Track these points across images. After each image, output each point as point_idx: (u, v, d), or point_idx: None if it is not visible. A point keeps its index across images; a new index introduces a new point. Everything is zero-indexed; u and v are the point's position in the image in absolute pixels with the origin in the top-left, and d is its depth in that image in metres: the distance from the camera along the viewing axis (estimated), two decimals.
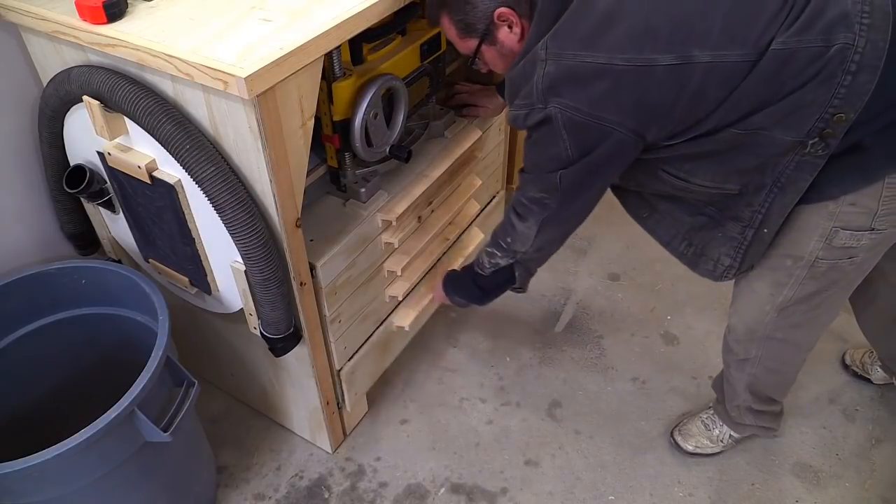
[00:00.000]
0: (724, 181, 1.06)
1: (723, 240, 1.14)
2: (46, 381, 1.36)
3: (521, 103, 1.03)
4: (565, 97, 0.97)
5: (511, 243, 1.23)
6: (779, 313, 1.20)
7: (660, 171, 1.09)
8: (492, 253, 1.29)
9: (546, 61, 0.97)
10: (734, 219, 1.10)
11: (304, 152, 1.07)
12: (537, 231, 1.17)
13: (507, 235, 1.23)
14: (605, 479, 1.53)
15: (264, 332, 1.22)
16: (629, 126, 0.97)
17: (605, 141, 0.99)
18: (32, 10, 1.06)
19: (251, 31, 0.99)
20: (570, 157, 1.02)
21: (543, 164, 1.07)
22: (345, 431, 1.60)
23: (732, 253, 1.14)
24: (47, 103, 1.17)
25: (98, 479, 1.07)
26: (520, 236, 1.20)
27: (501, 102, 1.57)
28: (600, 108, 0.96)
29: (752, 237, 1.10)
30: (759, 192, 1.05)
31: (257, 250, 1.07)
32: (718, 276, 1.19)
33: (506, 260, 1.28)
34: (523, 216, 1.16)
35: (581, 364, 1.78)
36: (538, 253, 1.25)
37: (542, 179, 1.09)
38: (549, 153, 1.04)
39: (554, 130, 1.00)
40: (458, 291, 1.45)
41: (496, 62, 1.15)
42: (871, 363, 1.69)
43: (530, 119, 1.02)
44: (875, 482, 1.52)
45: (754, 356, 1.31)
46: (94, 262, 1.28)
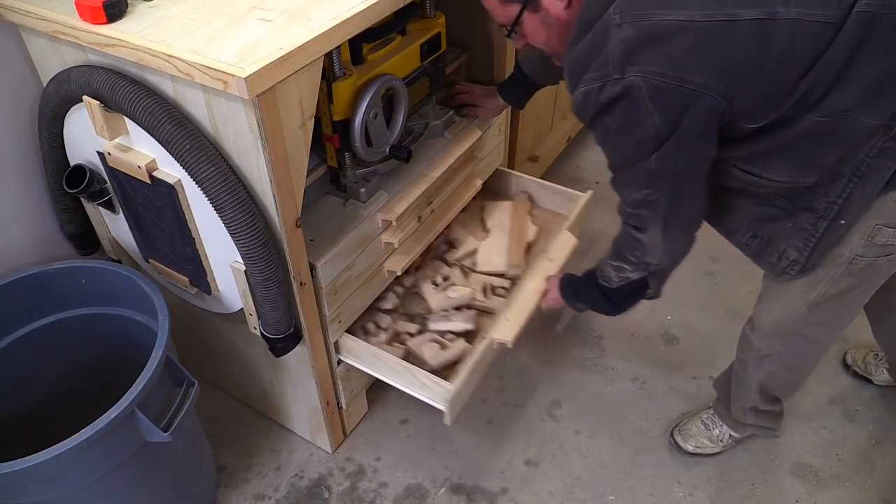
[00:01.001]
0: (802, 175, 1.00)
1: (792, 230, 1.07)
2: (46, 381, 1.36)
3: (592, 76, 0.93)
4: (646, 62, 0.89)
5: (641, 256, 1.13)
6: (809, 309, 1.18)
7: (732, 168, 1.03)
8: (619, 267, 1.18)
9: (622, 25, 0.90)
10: (808, 210, 1.04)
11: (304, 152, 1.07)
12: (662, 237, 1.06)
13: (634, 249, 1.12)
14: (605, 479, 1.53)
15: (264, 332, 1.22)
16: (716, 88, 0.89)
17: (692, 107, 0.90)
18: (32, 10, 1.06)
19: (251, 31, 0.99)
20: (660, 134, 0.93)
21: (631, 152, 0.97)
22: (345, 431, 1.60)
23: (801, 246, 1.07)
24: (47, 103, 1.17)
25: (98, 479, 1.07)
26: (649, 248, 1.10)
27: (501, 103, 1.56)
28: (685, 70, 0.88)
29: (825, 229, 1.04)
30: (836, 182, 1.00)
31: (257, 250, 1.07)
32: (781, 270, 1.12)
33: (638, 274, 1.18)
34: (640, 226, 1.07)
35: (581, 364, 1.77)
36: (672, 260, 1.15)
37: (636, 173, 0.99)
38: (636, 136, 0.94)
39: (636, 104, 0.91)
40: (581, 299, 1.34)
41: (537, 33, 1.07)
42: (875, 364, 1.69)
43: (605, 93, 0.92)
44: (875, 482, 1.52)
45: (776, 352, 1.29)
46: (94, 262, 1.28)
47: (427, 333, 1.46)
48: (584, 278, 1.32)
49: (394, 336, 1.46)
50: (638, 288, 1.22)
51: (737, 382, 1.43)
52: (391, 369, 1.34)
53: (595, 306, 1.31)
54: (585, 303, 1.33)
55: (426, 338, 1.44)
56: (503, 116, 1.69)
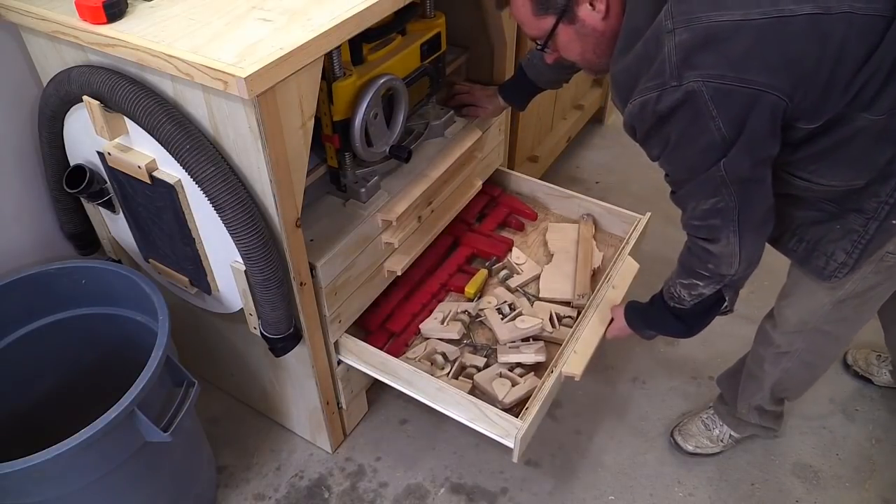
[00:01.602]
0: (855, 177, 0.98)
1: (840, 233, 1.05)
2: (46, 381, 1.36)
3: (648, 86, 0.91)
4: (705, 66, 0.87)
5: (716, 269, 1.08)
6: (833, 306, 1.17)
7: (783, 174, 1.01)
8: (691, 284, 1.14)
9: (675, 31, 0.88)
10: (856, 211, 1.02)
11: (304, 152, 1.07)
12: (739, 243, 1.02)
13: (707, 262, 1.08)
14: (605, 479, 1.53)
15: (264, 332, 1.22)
16: (779, 86, 0.87)
17: (757, 107, 0.88)
18: (32, 10, 1.06)
19: (251, 31, 0.99)
20: (727, 139, 0.90)
21: (697, 162, 0.95)
22: (345, 431, 1.60)
23: (849, 248, 1.06)
24: (47, 103, 1.17)
25: (98, 479, 1.07)
26: (724, 258, 1.05)
27: (501, 104, 1.56)
28: (746, 70, 0.86)
29: (875, 230, 1.02)
30: (886, 182, 0.98)
31: (257, 250, 1.07)
32: (829, 273, 1.10)
33: (712, 288, 1.13)
34: (713, 238, 1.03)
35: None
36: (748, 268, 1.09)
37: (704, 183, 0.96)
38: (701, 144, 0.92)
39: (699, 109, 0.88)
40: (651, 325, 1.29)
41: (572, 46, 1.05)
42: (877, 364, 1.69)
43: (664, 102, 0.90)
44: (875, 482, 1.52)
45: (796, 348, 1.28)
46: (94, 262, 1.28)
47: (496, 366, 1.40)
48: (652, 304, 1.27)
49: (461, 370, 1.41)
50: (712, 304, 1.18)
51: (749, 379, 1.41)
52: (457, 403, 1.30)
53: (667, 331, 1.26)
54: (656, 329, 1.29)
55: (495, 372, 1.38)
56: (503, 116, 1.69)
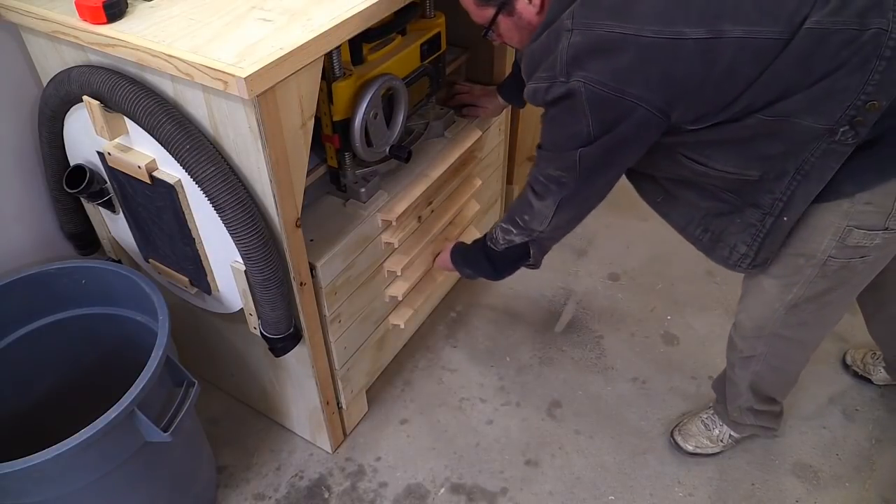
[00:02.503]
0: (746, 167, 1.03)
1: (741, 226, 1.11)
2: (46, 381, 1.36)
3: (542, 76, 0.99)
4: (590, 70, 0.94)
5: (528, 221, 1.19)
6: (787, 311, 1.19)
7: (678, 156, 1.06)
8: (507, 229, 1.26)
9: (572, 31, 0.94)
10: (753, 205, 1.08)
11: (304, 152, 1.07)
12: (555, 211, 1.13)
13: (524, 213, 1.19)
14: (605, 479, 1.53)
15: (264, 332, 1.22)
16: (655, 103, 0.94)
17: (628, 118, 0.96)
18: (32, 10, 1.06)
19: (251, 31, 0.99)
20: (591, 135, 0.99)
21: (563, 142, 1.04)
22: (345, 431, 1.60)
23: (749, 241, 1.11)
24: (47, 103, 1.17)
25: (98, 479, 1.07)
26: (537, 215, 1.17)
27: (501, 103, 1.57)
28: (626, 83, 0.93)
29: (771, 225, 1.08)
30: (780, 179, 1.03)
31: (257, 250, 1.07)
32: (733, 263, 1.16)
33: (521, 238, 1.25)
34: (541, 195, 1.13)
35: (581, 364, 1.77)
36: (554, 232, 1.22)
37: (561, 158, 1.06)
38: (570, 131, 1.00)
39: (576, 106, 0.96)
40: (468, 264, 1.42)
41: (511, 34, 1.12)
42: (873, 363, 1.69)
43: (551, 93, 0.98)
44: (875, 482, 1.52)
45: (760, 353, 1.30)
46: (94, 262, 1.28)
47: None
48: (473, 245, 1.41)
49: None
50: (518, 257, 1.30)
51: (728, 383, 1.44)
52: None
53: (479, 270, 1.39)
54: (471, 267, 1.41)
55: None
56: (503, 116, 1.69)
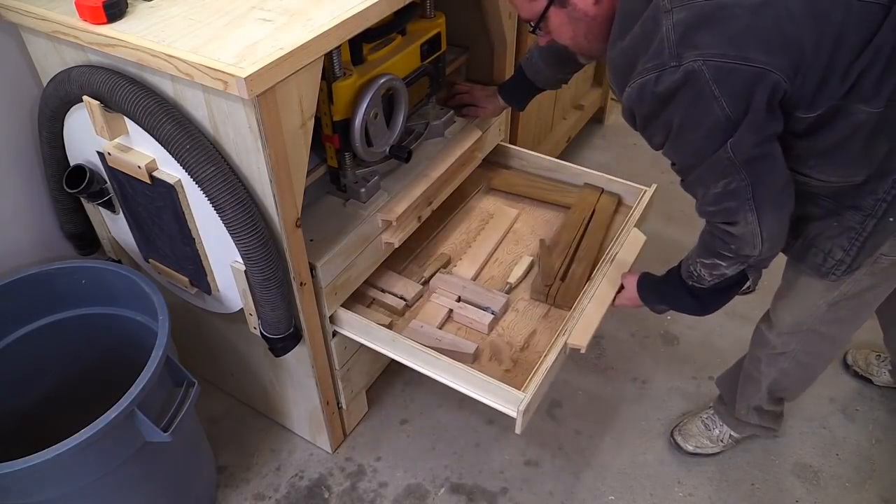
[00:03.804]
0: (853, 174, 0.97)
1: (838, 230, 1.04)
2: (46, 381, 1.36)
3: (647, 66, 0.89)
4: (704, 45, 0.85)
5: (738, 250, 1.04)
6: (829, 307, 1.17)
7: None
8: (713, 265, 1.10)
9: (672, 10, 0.87)
10: (854, 208, 1.01)
11: (304, 152, 1.07)
12: (759, 223, 0.98)
13: (729, 244, 1.04)
14: (605, 479, 1.53)
15: (264, 332, 1.22)
16: (779, 66, 0.85)
17: (759, 85, 0.86)
18: (32, 10, 1.06)
19: (251, 31, 0.99)
20: (731, 119, 0.87)
21: (703, 145, 0.92)
22: (345, 431, 1.60)
23: (847, 245, 1.05)
24: (47, 103, 1.17)
25: (98, 479, 1.07)
26: (746, 239, 1.01)
27: (501, 104, 1.56)
28: (746, 48, 0.84)
29: (872, 228, 1.01)
30: (884, 179, 0.97)
31: (257, 250, 1.07)
32: (827, 270, 1.09)
33: (735, 268, 1.09)
34: (731, 220, 0.99)
35: (581, 364, 1.77)
36: (772, 247, 1.04)
37: (712, 166, 0.93)
38: (705, 126, 0.89)
39: (700, 89, 0.86)
40: (666, 301, 1.26)
41: (563, 30, 1.04)
42: (876, 364, 1.69)
43: (662, 82, 0.88)
44: (875, 482, 1.52)
45: (792, 349, 1.28)
46: (94, 262, 1.28)
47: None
48: (668, 279, 1.23)
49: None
50: (733, 284, 1.15)
51: (746, 380, 1.42)
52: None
53: (681, 308, 1.23)
54: (669, 304, 1.26)
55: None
56: (503, 116, 1.69)
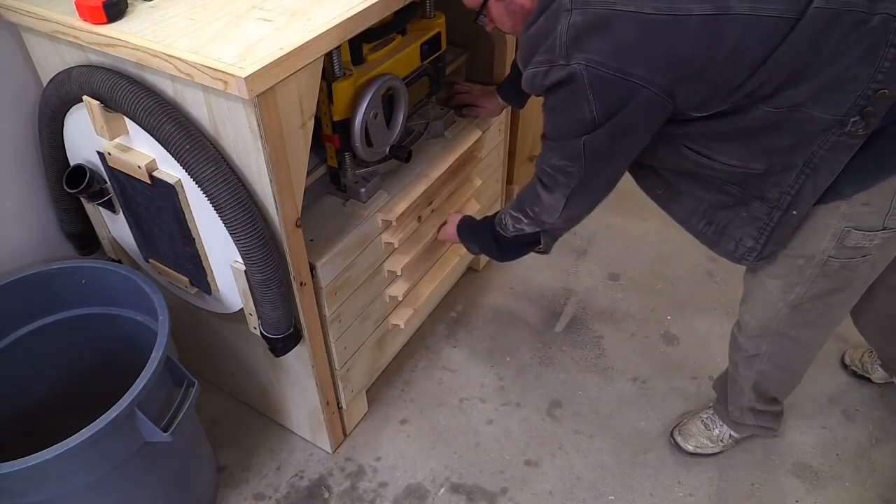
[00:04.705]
0: (751, 160, 1.00)
1: (747, 219, 1.09)
2: (46, 381, 1.36)
3: (540, 59, 0.96)
4: (591, 51, 0.90)
5: (538, 213, 1.17)
6: (792, 310, 1.18)
7: (681, 148, 1.03)
8: (517, 218, 1.24)
9: (571, 11, 0.91)
10: (760, 199, 1.05)
11: (304, 152, 1.07)
12: (565, 203, 1.10)
13: (534, 205, 1.17)
14: (605, 479, 1.53)
15: (264, 332, 1.22)
16: (659, 83, 0.90)
17: (632, 100, 0.92)
18: (32, 10, 1.06)
19: (251, 31, 0.99)
20: (596, 120, 0.95)
21: (566, 130, 1.00)
22: (345, 431, 1.60)
23: (756, 234, 1.09)
24: (47, 103, 1.17)
25: (98, 479, 1.07)
26: (546, 207, 1.14)
27: (501, 104, 1.56)
28: (629, 62, 0.90)
29: (778, 219, 1.05)
30: (788, 173, 1.00)
31: (257, 250, 1.07)
32: (739, 257, 1.14)
33: (531, 228, 1.24)
34: (549, 186, 1.10)
35: (581, 364, 1.78)
36: (566, 223, 1.21)
37: (566, 146, 1.02)
38: (573, 117, 0.97)
39: (577, 90, 0.93)
40: (475, 241, 1.42)
41: (503, 19, 1.09)
42: (871, 362, 1.69)
43: (550, 77, 0.95)
44: (875, 482, 1.52)
45: (764, 352, 1.29)
46: (94, 262, 1.28)
47: None
48: (482, 222, 1.40)
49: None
50: (530, 241, 1.30)
51: (731, 383, 1.44)
52: None
53: (486, 250, 1.40)
54: (477, 244, 1.42)
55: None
56: (503, 116, 1.69)
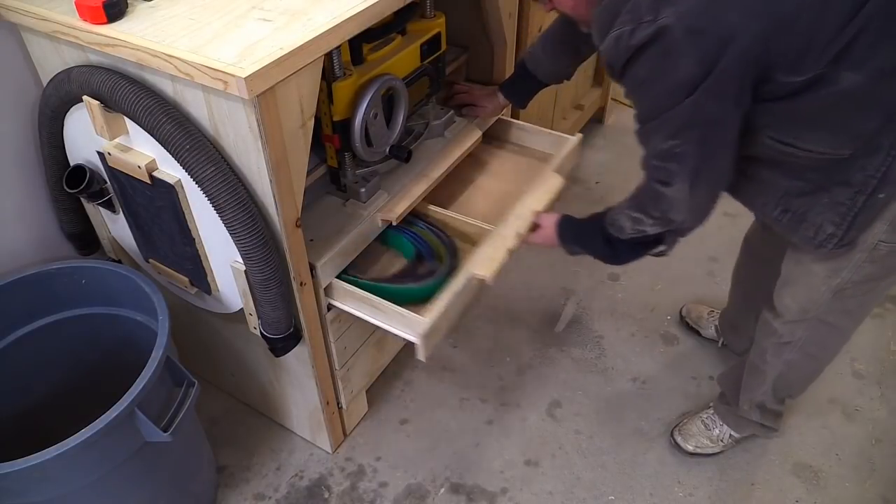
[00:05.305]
0: (839, 146, 0.97)
1: (828, 205, 1.04)
2: (46, 381, 1.36)
3: (624, 19, 0.91)
4: (679, 3, 0.86)
5: (666, 212, 1.07)
6: (833, 295, 1.17)
7: (765, 138, 0.99)
8: (637, 219, 1.12)
9: None
10: (843, 184, 1.01)
11: (304, 152, 1.07)
12: (690, 192, 1.01)
13: (659, 204, 1.06)
14: (605, 479, 1.53)
15: (264, 332, 1.22)
16: (752, 29, 0.86)
17: (728, 48, 0.86)
18: (32, 10, 1.06)
19: (251, 31, 0.99)
20: (695, 78, 0.89)
21: (663, 100, 0.93)
22: (345, 431, 1.60)
23: (838, 220, 1.04)
24: (47, 103, 1.17)
25: (98, 479, 1.07)
26: (673, 203, 1.04)
27: (502, 102, 1.56)
28: (722, 9, 0.85)
29: (863, 203, 1.01)
30: (874, 155, 0.96)
31: (257, 250, 1.07)
32: (819, 243, 1.09)
33: (657, 229, 1.12)
34: (665, 180, 1.02)
35: (581, 364, 1.78)
36: (696, 217, 1.08)
37: (667, 122, 0.95)
38: (669, 82, 0.91)
39: (670, 46, 0.88)
40: (580, 242, 1.28)
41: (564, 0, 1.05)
42: (706, 318, 1.80)
43: (637, 36, 0.89)
44: (875, 482, 1.52)
45: (798, 338, 1.28)
46: (94, 262, 1.28)
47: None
48: (590, 222, 1.25)
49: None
50: (649, 243, 1.17)
51: (751, 373, 1.41)
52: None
53: (595, 252, 1.25)
54: (584, 247, 1.27)
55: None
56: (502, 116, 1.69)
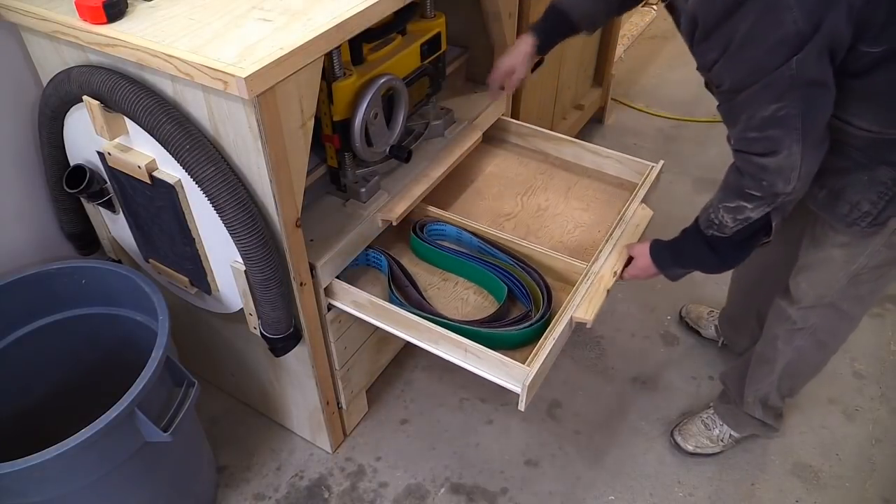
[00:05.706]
0: (891, 125, 0.95)
1: (868, 184, 1.03)
2: (46, 381, 1.36)
3: None
4: None
5: (772, 185, 0.98)
6: (849, 281, 1.18)
7: None
8: (736, 208, 1.05)
9: None
10: (888, 164, 1.00)
11: (304, 152, 1.07)
12: (801, 155, 0.94)
13: (762, 178, 0.98)
14: (605, 479, 1.53)
15: (264, 332, 1.22)
16: None
17: (835, 4, 0.82)
18: (32, 10, 1.06)
19: (251, 31, 0.99)
20: (802, 33, 0.83)
21: (765, 60, 0.87)
22: (345, 431, 1.60)
23: (875, 199, 1.03)
24: (47, 103, 1.17)
25: (98, 479, 1.08)
26: (781, 173, 0.96)
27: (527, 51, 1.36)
28: None
29: None
30: None
31: (257, 250, 1.07)
32: (852, 221, 1.08)
33: (761, 210, 1.04)
34: (770, 150, 0.95)
35: (581, 364, 1.78)
36: (804, 187, 1.00)
37: (769, 85, 0.88)
38: (774, 37, 0.85)
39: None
40: (681, 262, 1.21)
41: None
42: (706, 319, 1.80)
43: None
44: (875, 482, 1.52)
45: (810, 325, 1.29)
46: (94, 262, 1.28)
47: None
48: (684, 236, 1.19)
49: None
50: (755, 232, 1.10)
51: (759, 364, 1.41)
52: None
53: (700, 265, 1.18)
54: (686, 263, 1.21)
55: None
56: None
